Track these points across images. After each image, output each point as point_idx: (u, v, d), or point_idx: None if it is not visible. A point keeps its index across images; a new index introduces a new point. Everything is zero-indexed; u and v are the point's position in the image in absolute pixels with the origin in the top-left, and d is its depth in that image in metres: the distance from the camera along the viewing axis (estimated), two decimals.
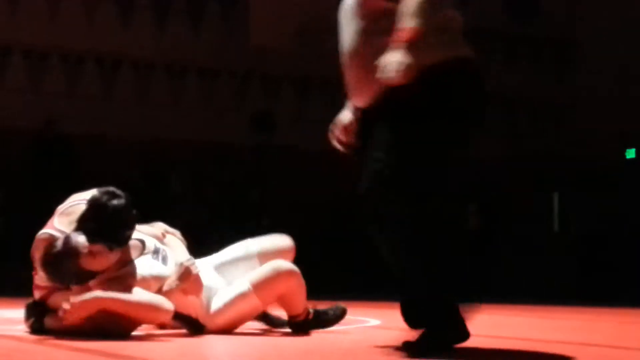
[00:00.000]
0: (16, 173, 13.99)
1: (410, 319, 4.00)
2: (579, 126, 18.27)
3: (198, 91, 16.39)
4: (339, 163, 17.08)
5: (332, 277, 14.09)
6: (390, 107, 3.83)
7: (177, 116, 15.91)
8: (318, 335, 4.94)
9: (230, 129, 15.90)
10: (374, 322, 6.32)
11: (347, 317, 5.23)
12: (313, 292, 5.05)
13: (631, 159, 16.76)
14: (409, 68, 3.69)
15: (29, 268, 4.82)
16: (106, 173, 5.12)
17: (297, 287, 4.91)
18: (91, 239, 4.38)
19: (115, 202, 4.47)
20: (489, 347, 4.58)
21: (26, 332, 4.81)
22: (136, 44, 15.89)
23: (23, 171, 14.06)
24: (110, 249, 4.41)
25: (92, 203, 4.49)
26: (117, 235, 4.45)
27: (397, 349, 3.95)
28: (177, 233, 5.09)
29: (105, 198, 4.49)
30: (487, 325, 6.74)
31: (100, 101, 15.63)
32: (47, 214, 4.88)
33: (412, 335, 3.92)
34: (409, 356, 3.74)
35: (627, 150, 16.82)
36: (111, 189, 4.55)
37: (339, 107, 16.15)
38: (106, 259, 4.44)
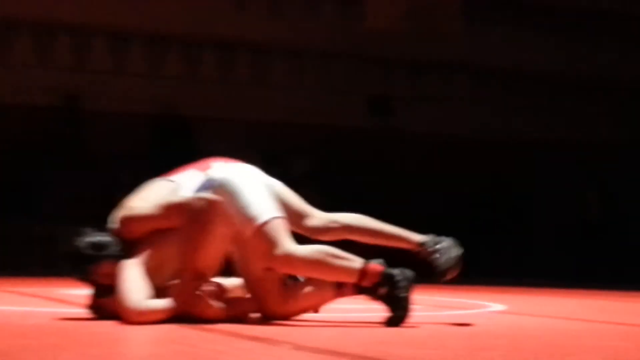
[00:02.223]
0: (137, 155, 14.31)
1: None
2: None
3: (315, 75, 16.46)
4: (454, 145, 17.02)
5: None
6: None
7: (295, 99, 16.02)
8: (436, 320, 4.94)
9: (347, 112, 15.96)
10: (499, 307, 6.29)
11: (471, 301, 5.20)
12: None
13: None
14: None
15: None
16: (225, 156, 5.16)
17: None
18: None
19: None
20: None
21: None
22: (253, 27, 16.03)
23: (144, 153, 14.39)
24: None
25: None
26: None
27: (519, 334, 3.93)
28: None
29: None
30: (622, 311, 6.64)
31: (218, 85, 15.82)
32: None
33: None
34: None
35: None
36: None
37: (455, 88, 16.10)
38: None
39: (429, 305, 6.38)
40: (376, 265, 4.35)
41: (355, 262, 4.35)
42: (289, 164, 14.23)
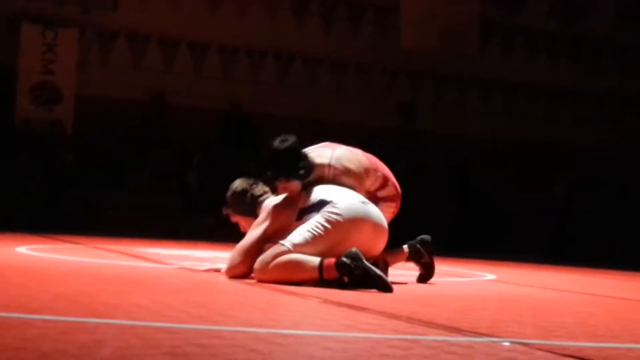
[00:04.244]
0: (209, 142, 14.42)
1: None
2: None
3: (356, 82, 16.45)
4: (468, 144, 16.73)
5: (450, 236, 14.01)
6: None
7: (339, 102, 16.03)
8: (439, 285, 4.93)
9: (380, 115, 15.95)
10: (490, 276, 6.27)
11: (466, 270, 5.18)
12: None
13: None
14: None
15: (215, 218, 4.94)
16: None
17: None
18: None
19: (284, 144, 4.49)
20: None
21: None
22: (307, 42, 16.06)
23: (215, 141, 14.51)
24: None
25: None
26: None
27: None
28: None
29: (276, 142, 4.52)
30: (587, 284, 6.58)
31: (276, 88, 15.87)
32: (233, 175, 5.04)
33: None
34: None
35: None
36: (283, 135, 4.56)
37: (472, 100, 15.98)
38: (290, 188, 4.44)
39: (436, 273, 6.37)
40: (330, 260, 4.08)
41: (315, 261, 4.10)
42: None
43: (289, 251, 4.19)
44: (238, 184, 4.73)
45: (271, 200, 4.55)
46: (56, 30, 14.19)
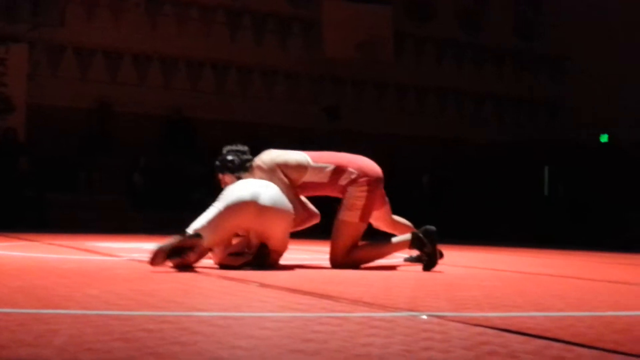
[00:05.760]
0: (153, 145, 14.26)
1: None
2: (565, 119, 18.01)
3: (284, 88, 16.46)
4: (385, 143, 16.97)
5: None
6: None
7: (269, 106, 16.02)
8: (361, 267, 4.96)
9: (308, 118, 15.99)
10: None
11: (396, 253, 5.21)
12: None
13: (604, 143, 16.52)
14: None
15: (160, 213, 4.93)
16: (217, 147, 5.17)
17: None
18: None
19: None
20: (496, 277, 4.56)
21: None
22: (240, 53, 16.00)
23: (158, 144, 14.34)
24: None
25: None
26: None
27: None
28: None
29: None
30: (492, 260, 6.72)
31: (213, 95, 15.78)
32: (175, 174, 5.04)
33: None
34: None
35: (601, 135, 16.57)
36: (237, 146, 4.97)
37: (389, 103, 16.10)
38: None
39: None
40: None
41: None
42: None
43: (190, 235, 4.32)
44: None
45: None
46: (7, 45, 13.87)
